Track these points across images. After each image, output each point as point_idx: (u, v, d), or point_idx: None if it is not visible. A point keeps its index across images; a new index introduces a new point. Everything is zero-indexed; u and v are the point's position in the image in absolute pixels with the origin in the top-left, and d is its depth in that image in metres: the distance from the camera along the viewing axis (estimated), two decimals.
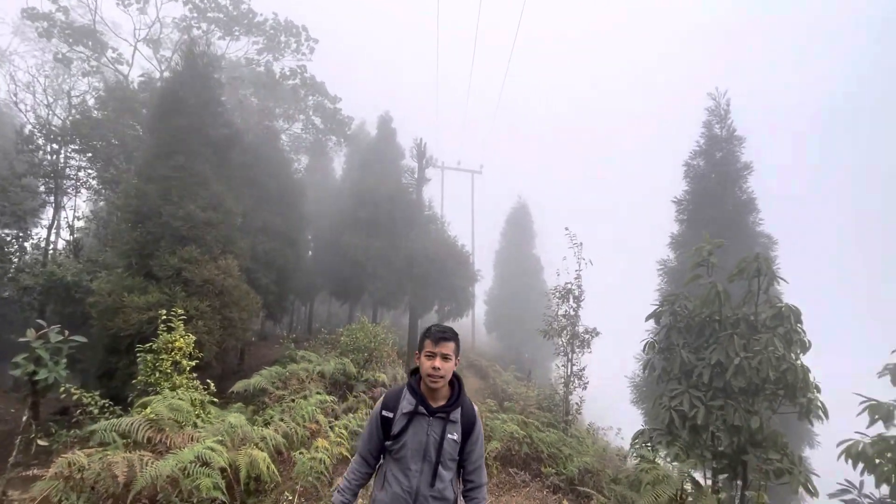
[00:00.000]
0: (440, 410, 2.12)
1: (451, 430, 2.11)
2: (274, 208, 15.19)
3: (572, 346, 8.98)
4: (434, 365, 2.08)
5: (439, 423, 2.11)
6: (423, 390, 2.15)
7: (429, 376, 2.09)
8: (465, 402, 2.22)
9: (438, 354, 2.09)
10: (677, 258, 12.29)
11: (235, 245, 10.44)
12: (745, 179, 11.47)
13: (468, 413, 2.20)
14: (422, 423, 2.11)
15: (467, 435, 2.17)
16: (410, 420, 2.10)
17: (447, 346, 2.11)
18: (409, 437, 2.09)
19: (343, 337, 9.95)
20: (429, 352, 2.11)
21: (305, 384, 8.94)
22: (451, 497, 2.13)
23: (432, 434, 2.09)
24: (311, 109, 19.74)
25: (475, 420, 2.21)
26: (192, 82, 10.51)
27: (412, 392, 2.16)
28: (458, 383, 2.23)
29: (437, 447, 2.07)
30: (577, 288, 9.10)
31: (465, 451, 2.19)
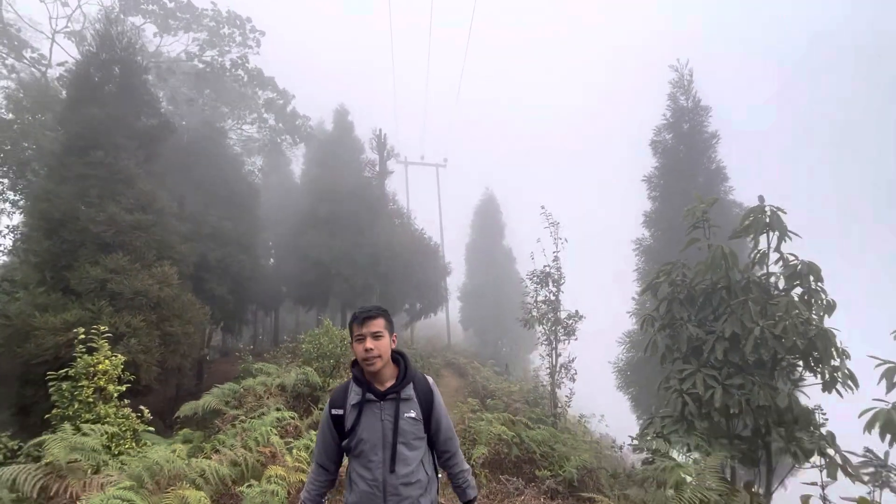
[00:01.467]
0: (390, 392, 2.01)
1: (406, 408, 2.01)
2: (223, 212, 13.88)
3: (556, 334, 8.35)
4: (365, 346, 1.97)
5: (391, 405, 2.00)
6: (368, 377, 2.04)
7: (364, 360, 1.98)
8: (416, 376, 2.13)
9: (367, 335, 1.98)
10: (653, 235, 11.96)
11: (174, 250, 9.21)
12: (713, 149, 11.22)
13: (422, 387, 2.11)
14: (373, 410, 2.00)
15: (428, 410, 2.08)
16: (361, 410, 1.99)
17: (375, 324, 2.00)
18: (363, 428, 1.98)
19: (305, 344, 8.94)
20: (358, 335, 2.00)
21: (263, 400, 7.90)
22: (425, 479, 2.03)
23: (386, 418, 1.98)
24: (262, 107, 18.38)
25: (432, 392, 2.12)
26: (110, 66, 9.21)
27: (357, 382, 2.05)
28: (404, 359, 2.12)
29: (393, 430, 1.97)
30: (557, 271, 8.47)
31: (430, 427, 2.10)
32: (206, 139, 14.58)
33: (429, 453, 2.13)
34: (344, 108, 19.77)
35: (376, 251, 14.06)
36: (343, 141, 18.30)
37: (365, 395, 2.00)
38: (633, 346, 11.64)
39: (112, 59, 9.28)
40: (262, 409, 7.57)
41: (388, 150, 16.52)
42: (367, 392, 2.00)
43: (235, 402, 8.10)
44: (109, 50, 9.25)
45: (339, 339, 9.31)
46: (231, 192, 14.52)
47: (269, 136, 19.66)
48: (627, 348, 11.74)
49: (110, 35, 9.30)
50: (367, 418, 1.99)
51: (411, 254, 14.23)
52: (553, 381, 8.23)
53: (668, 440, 3.88)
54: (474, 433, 6.24)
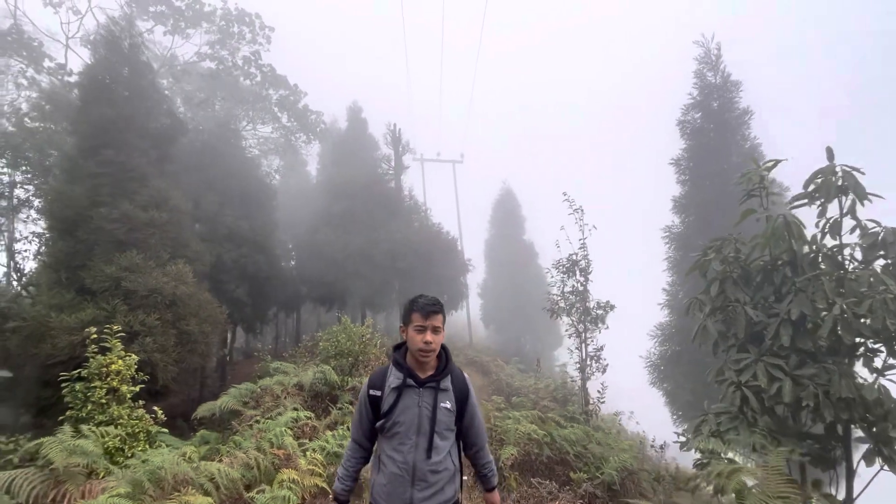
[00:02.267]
0: (429, 381, 2.05)
1: (443, 398, 2.05)
2: (239, 212, 13.80)
3: (584, 325, 7.84)
4: (426, 339, 2.00)
5: (430, 394, 2.04)
6: (410, 363, 2.09)
7: (420, 351, 2.01)
8: (455, 370, 2.16)
9: (429, 328, 2.01)
10: (683, 222, 11.28)
11: (188, 248, 9.07)
12: (746, 126, 10.48)
13: (459, 381, 2.14)
14: (412, 396, 2.03)
15: (462, 404, 2.12)
16: (400, 394, 2.03)
17: (437, 319, 2.03)
18: (400, 412, 2.01)
19: (322, 342, 8.66)
20: (419, 325, 2.02)
21: (281, 400, 7.65)
22: (452, 468, 2.06)
23: (424, 405, 2.02)
24: (275, 106, 18.32)
25: (468, 388, 2.17)
26: (118, 68, 9.12)
27: (398, 367, 2.09)
28: (446, 353, 2.14)
29: (431, 417, 2.01)
30: (584, 259, 7.96)
31: (463, 421, 2.14)
32: (221, 140, 14.54)
33: (455, 445, 2.14)
34: (357, 105, 19.55)
35: (393, 247, 13.74)
36: (357, 138, 18.08)
37: (405, 381, 2.02)
38: (666, 339, 10.98)
39: (119, 61, 9.20)
40: (278, 410, 7.32)
41: (403, 145, 16.21)
42: (407, 377, 2.02)
43: (253, 403, 7.88)
44: (116, 52, 9.17)
45: (357, 336, 9.01)
46: (246, 192, 14.44)
47: (284, 135, 19.62)
48: (660, 341, 11.09)
49: (115, 37, 9.21)
50: (405, 402, 2.00)
51: (430, 249, 13.87)
52: (583, 375, 7.72)
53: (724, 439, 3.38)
54: (501, 432, 5.81)
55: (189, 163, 13.66)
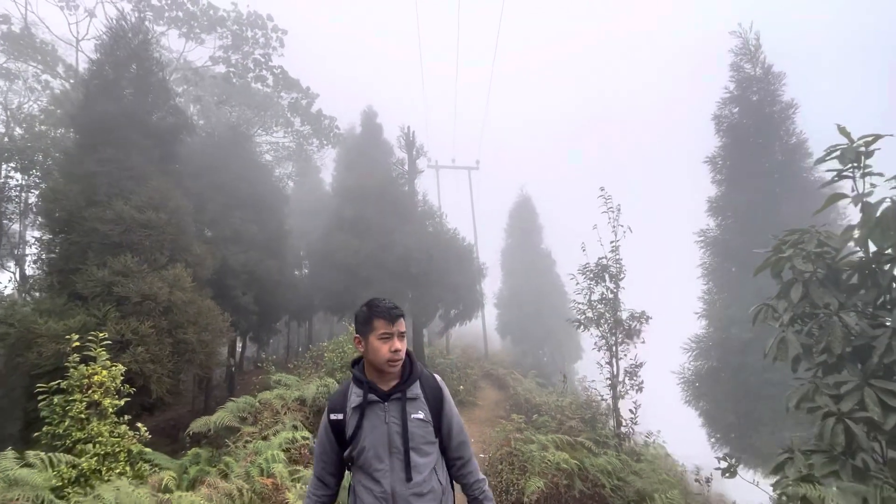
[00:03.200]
0: (395, 391, 1.82)
1: (413, 408, 1.80)
2: (249, 216, 13.40)
3: (616, 338, 7.02)
4: (394, 347, 1.77)
5: (397, 406, 1.80)
6: (371, 377, 1.84)
7: (389, 361, 1.78)
8: (424, 374, 1.93)
9: (395, 334, 1.80)
10: (719, 225, 10.37)
11: (189, 252, 8.59)
12: (790, 120, 9.59)
13: (430, 385, 1.90)
14: (377, 413, 1.79)
15: (438, 411, 1.87)
16: (363, 413, 1.78)
17: (402, 323, 1.84)
18: (366, 434, 1.76)
19: (328, 352, 8.02)
20: (384, 333, 1.78)
21: (280, 416, 7.01)
22: (440, 488, 1.82)
23: (391, 420, 1.77)
24: (287, 111, 18.06)
25: (441, 390, 1.92)
26: (126, 63, 8.79)
27: (357, 383, 1.85)
28: (409, 356, 1.90)
29: (402, 433, 1.76)
30: (616, 263, 7.17)
31: (441, 429, 1.88)
32: (232, 143, 14.23)
33: (441, 460, 1.91)
34: (372, 109, 19.17)
35: (406, 253, 13.12)
36: (371, 142, 17.65)
37: (367, 397, 1.80)
38: (702, 352, 10.03)
39: (128, 56, 8.88)
40: (277, 426, 6.69)
41: (418, 149, 15.65)
42: (369, 392, 1.80)
43: (251, 418, 7.27)
44: (123, 47, 8.85)
45: None
46: (257, 196, 14.05)
47: (296, 140, 19.34)
48: (695, 355, 10.14)
49: (123, 31, 8.91)
50: (370, 422, 1.78)
51: (444, 255, 13.20)
52: (615, 393, 6.89)
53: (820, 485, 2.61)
54: (525, 460, 5.03)
55: (199, 166, 13.37)
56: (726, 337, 9.02)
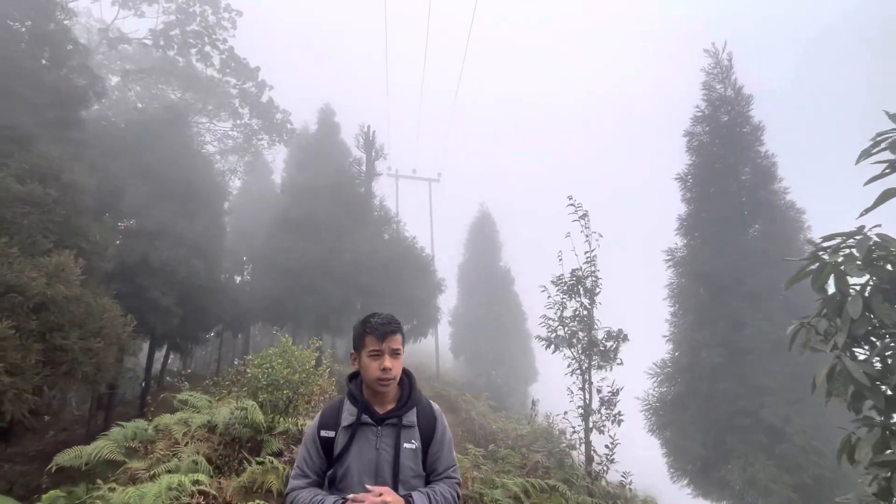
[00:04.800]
0: (390, 416, 1.69)
1: (406, 437, 1.69)
2: (177, 208, 11.69)
3: (589, 360, 6.20)
4: (383, 365, 1.66)
5: (391, 432, 1.68)
6: (367, 396, 1.74)
7: (379, 380, 1.67)
8: (421, 400, 1.80)
9: (386, 351, 1.68)
10: (687, 245, 10.03)
11: (84, 238, 6.97)
12: (759, 142, 9.49)
13: (426, 413, 1.77)
14: (367, 436, 1.67)
15: (428, 439, 1.74)
16: (353, 434, 1.66)
17: (395, 339, 1.69)
18: (353, 457, 1.65)
19: (252, 368, 6.62)
20: (374, 350, 1.68)
21: (180, 447, 5.54)
22: None
23: (383, 447, 1.66)
24: (235, 99, 16.48)
25: (436, 418, 1.79)
26: (22, 5, 7.20)
27: (352, 400, 1.73)
28: (409, 379, 1.81)
29: (393, 462, 1.63)
30: (591, 276, 6.41)
31: (428, 459, 1.73)
32: (165, 123, 12.53)
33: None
34: (330, 107, 17.98)
35: (358, 259, 11.90)
36: (327, 141, 16.40)
37: (360, 417, 1.68)
38: (666, 378, 9.48)
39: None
40: (174, 461, 5.22)
41: (377, 150, 14.63)
42: (362, 412, 1.68)
43: (143, 450, 5.73)
44: None
45: (299, 362, 7.01)
46: (190, 187, 12.37)
47: (245, 132, 17.71)
48: (660, 381, 9.58)
49: None
50: (359, 445, 1.66)
51: (400, 265, 12.11)
52: (587, 424, 6.01)
53: None
54: None
55: (121, 144, 11.59)
56: (695, 362, 8.51)
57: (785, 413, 7.12)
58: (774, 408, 7.17)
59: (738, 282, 8.50)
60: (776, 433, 7.17)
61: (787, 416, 7.09)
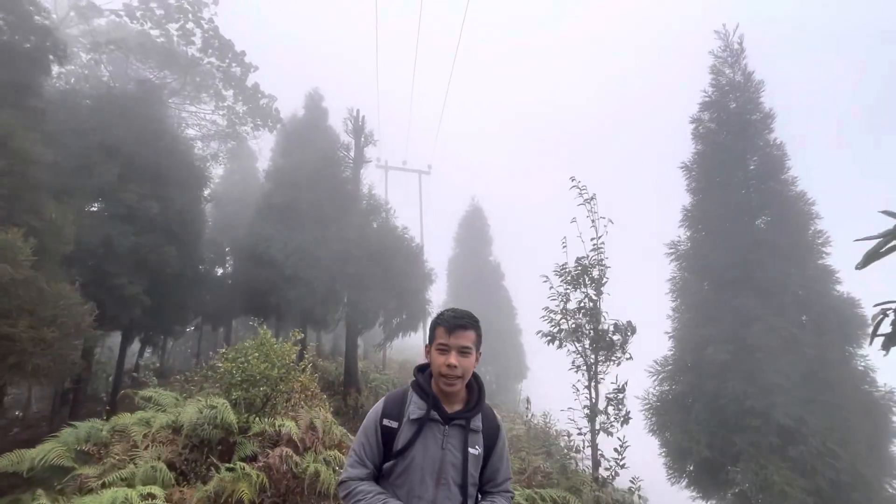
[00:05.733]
0: (458, 416, 1.62)
1: (473, 441, 1.61)
2: (147, 190, 10.87)
3: (596, 355, 5.70)
4: (449, 362, 1.58)
5: (458, 434, 1.61)
6: (436, 391, 1.65)
7: (443, 376, 1.59)
8: (486, 408, 1.73)
9: (454, 348, 1.59)
10: (691, 238, 9.62)
11: (36, 215, 6.23)
12: (769, 130, 9.09)
13: (490, 421, 1.70)
14: (434, 434, 1.58)
15: (490, 448, 1.67)
16: (420, 429, 1.58)
17: (466, 336, 1.61)
18: (417, 453, 1.55)
19: (225, 362, 5.98)
20: (441, 344, 1.61)
21: (140, 450, 4.88)
22: None
23: (450, 447, 1.57)
24: (219, 81, 15.60)
25: (499, 427, 1.73)
26: None
27: (421, 393, 1.66)
28: (478, 383, 1.74)
29: (462, 467, 1.55)
30: (599, 265, 5.90)
31: (488, 468, 1.67)
32: (137, 100, 11.68)
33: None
34: (318, 92, 17.19)
35: (345, 249, 11.26)
36: (314, 127, 15.63)
37: (429, 412, 1.60)
38: (668, 377, 9.07)
39: None
40: (129, 468, 4.57)
41: (366, 135, 13.93)
42: (432, 409, 1.61)
43: (97, 453, 5.06)
44: None
45: (279, 356, 6.37)
46: (161, 168, 11.54)
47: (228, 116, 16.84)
48: (661, 380, 9.16)
49: None
50: (424, 441, 1.57)
51: (390, 254, 11.49)
52: (593, 426, 5.51)
53: None
54: None
55: (88, 121, 10.74)
56: (700, 359, 8.09)
57: (798, 414, 6.74)
58: (786, 408, 6.78)
59: (746, 275, 8.10)
60: (789, 434, 6.79)
61: (801, 416, 6.71)
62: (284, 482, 4.91)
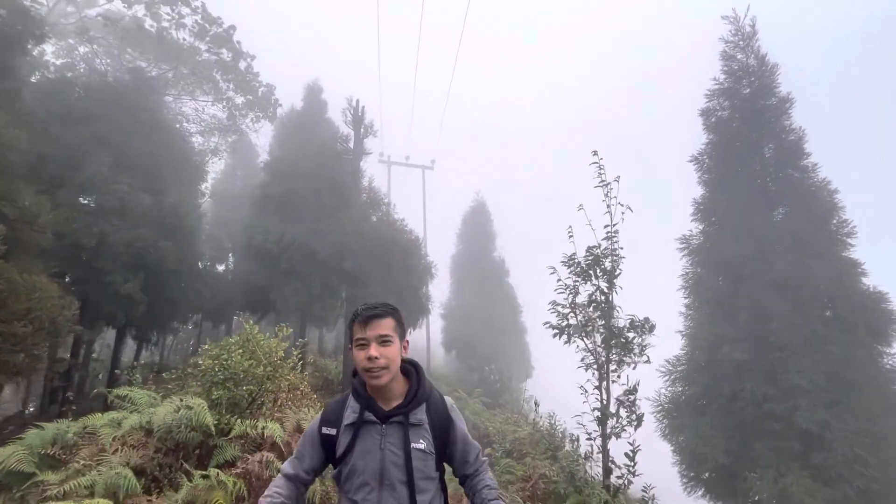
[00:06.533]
0: (395, 413, 1.54)
1: (415, 436, 1.52)
2: (140, 182, 10.52)
3: (607, 354, 5.26)
4: (369, 354, 1.49)
5: (397, 431, 1.52)
6: (371, 391, 1.58)
7: (366, 371, 1.50)
8: (432, 395, 1.62)
9: (372, 339, 1.50)
10: (703, 232, 9.13)
11: (10, 202, 5.86)
12: (786, 116, 8.59)
13: (438, 410, 1.60)
14: (372, 435, 1.52)
15: (443, 442, 1.57)
16: (357, 433, 1.52)
17: (382, 325, 1.52)
18: (356, 457, 1.50)
19: (206, 359, 5.58)
20: (360, 339, 1.52)
21: (108, 454, 4.49)
22: None
23: (389, 447, 1.50)
24: (214, 69, 15.24)
25: (451, 418, 1.61)
26: None
27: (356, 396, 1.59)
28: (417, 372, 1.65)
29: (405, 465, 1.47)
30: (612, 255, 5.46)
31: (455, 460, 1.62)
32: (129, 89, 11.33)
33: (440, 497, 1.58)
34: (317, 84, 16.82)
35: (341, 242, 10.85)
36: (313, 119, 15.26)
37: (363, 414, 1.54)
38: (681, 377, 8.59)
39: None
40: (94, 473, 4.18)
41: (366, 126, 13.52)
42: (365, 409, 1.54)
43: (64, 456, 4.69)
44: None
45: (265, 352, 5.97)
46: (155, 160, 11.20)
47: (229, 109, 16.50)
48: (673, 380, 8.68)
49: None
50: (362, 444, 1.51)
51: (388, 249, 11.07)
52: (604, 430, 5.07)
53: None
54: None
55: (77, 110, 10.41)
56: (715, 359, 7.61)
57: (822, 417, 6.26)
58: (810, 411, 6.30)
59: (763, 269, 7.61)
60: (812, 440, 6.31)
61: (825, 420, 6.23)
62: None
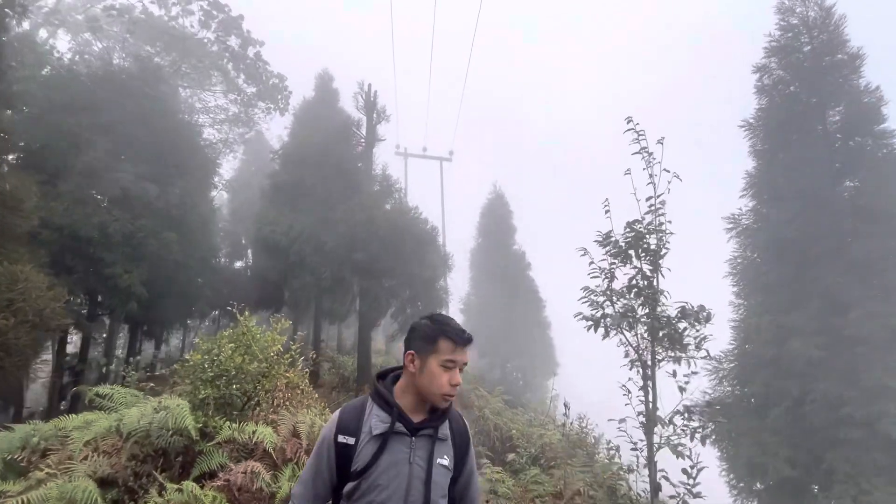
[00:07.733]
0: (424, 426, 1.43)
1: (440, 451, 1.43)
2: (144, 171, 10.12)
3: (653, 348, 4.39)
4: (455, 380, 1.41)
5: (425, 445, 1.41)
6: (403, 402, 1.44)
7: (445, 395, 1.41)
8: (453, 411, 1.54)
9: (460, 364, 1.44)
10: (754, 209, 8.06)
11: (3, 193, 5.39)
12: (858, 75, 7.43)
13: (458, 425, 1.53)
14: (401, 448, 1.39)
15: (461, 457, 1.49)
16: (384, 444, 1.38)
17: (468, 352, 1.48)
18: (383, 471, 1.35)
19: (195, 354, 4.97)
20: (448, 360, 1.41)
21: (76, 461, 3.92)
22: None
23: (417, 461, 1.39)
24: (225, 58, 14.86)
25: (468, 435, 1.56)
26: None
27: (382, 404, 1.44)
28: None
29: (426, 480, 1.36)
30: (657, 231, 4.58)
31: (458, 483, 1.49)
32: (134, 77, 10.96)
33: None
34: (328, 73, 16.25)
35: (353, 231, 10.21)
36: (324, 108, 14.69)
37: (394, 425, 1.40)
38: (733, 375, 7.58)
39: None
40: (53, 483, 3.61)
41: (379, 112, 12.86)
42: (397, 420, 1.41)
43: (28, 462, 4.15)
44: None
45: (262, 347, 5.32)
46: (159, 148, 10.78)
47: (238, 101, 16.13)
48: (720, 378, 7.68)
49: None
50: (390, 457, 1.37)
51: (401, 238, 10.36)
52: (650, 440, 4.21)
53: None
54: None
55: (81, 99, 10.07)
56: (781, 354, 6.58)
57: None
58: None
59: (836, 250, 6.54)
60: None
61: None
62: None
